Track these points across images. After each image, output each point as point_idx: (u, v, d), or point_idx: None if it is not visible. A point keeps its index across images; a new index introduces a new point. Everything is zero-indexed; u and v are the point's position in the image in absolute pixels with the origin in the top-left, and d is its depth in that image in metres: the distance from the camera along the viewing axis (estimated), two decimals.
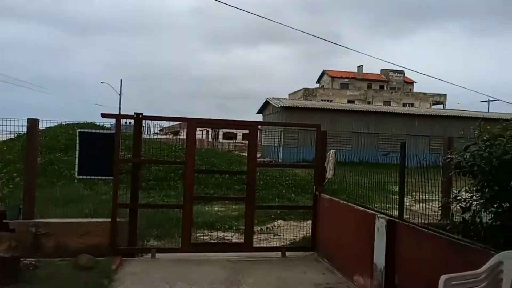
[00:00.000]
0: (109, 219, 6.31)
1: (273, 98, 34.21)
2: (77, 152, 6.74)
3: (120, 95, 51.18)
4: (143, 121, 6.80)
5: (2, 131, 6.85)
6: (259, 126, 11.71)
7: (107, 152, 6.59)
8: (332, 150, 6.60)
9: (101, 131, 7.02)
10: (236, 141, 35.78)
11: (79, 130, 6.79)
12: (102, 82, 58.58)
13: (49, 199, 8.33)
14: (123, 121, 6.90)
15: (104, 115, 6.67)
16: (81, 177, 6.85)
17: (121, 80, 54.93)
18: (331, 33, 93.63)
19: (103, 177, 6.97)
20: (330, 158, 6.47)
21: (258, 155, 33.17)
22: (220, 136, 42.90)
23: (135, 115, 6.72)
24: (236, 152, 25.75)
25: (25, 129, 6.38)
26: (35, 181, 6.58)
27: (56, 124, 12.03)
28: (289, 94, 53.38)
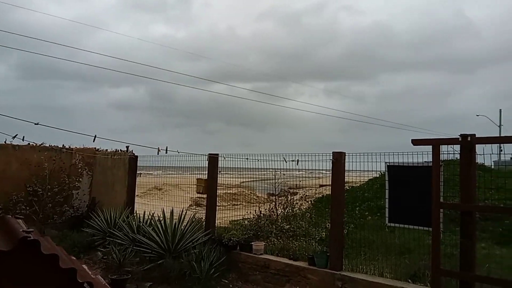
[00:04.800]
0: None
1: None
2: (386, 192, 5.31)
3: (499, 126, 44.59)
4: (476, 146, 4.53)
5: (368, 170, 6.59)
6: None
7: (424, 193, 4.78)
8: None
9: (415, 163, 5.25)
10: None
11: (387, 162, 5.35)
12: (477, 115, 53.03)
13: (374, 246, 7.14)
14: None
15: (416, 142, 4.90)
16: (392, 224, 5.30)
17: (500, 110, 47.46)
18: None
19: (418, 227, 5.09)
20: None
21: None
22: None
23: (460, 138, 4.57)
24: None
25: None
26: (342, 224, 5.65)
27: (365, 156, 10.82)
28: None
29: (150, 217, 8.24)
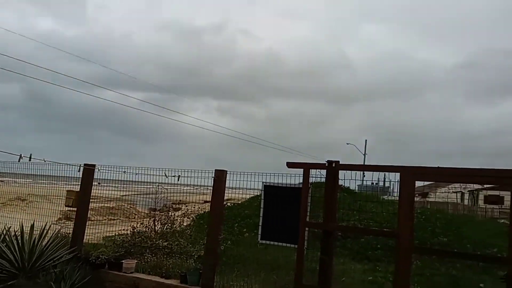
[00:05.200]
0: None
1: None
2: (261, 210, 5.57)
3: (364, 154, 50.64)
4: (339, 172, 5.06)
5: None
6: None
7: (295, 212, 5.13)
8: None
9: (289, 184, 5.67)
10: (503, 206, 28.14)
11: (264, 182, 5.64)
12: (347, 144, 59.67)
13: (247, 262, 7.39)
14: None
15: (290, 164, 5.28)
16: (263, 242, 5.56)
17: (365, 140, 54.15)
18: None
19: (287, 244, 5.46)
20: None
21: None
22: (481, 200, 35.26)
23: (327, 164, 5.06)
24: (502, 221, 19.74)
25: None
26: (218, 241, 5.72)
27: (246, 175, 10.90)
28: None
29: (5, 231, 7.21)
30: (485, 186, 26.67)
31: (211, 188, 6.30)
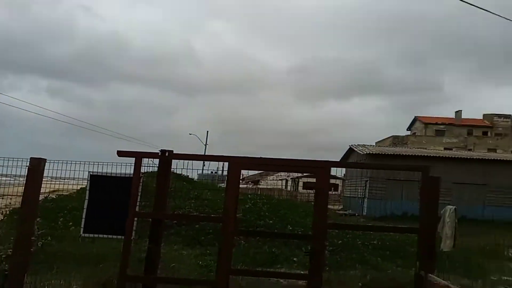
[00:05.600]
0: None
1: (358, 145, 31.26)
2: (86, 202, 5.17)
3: (205, 145, 51.93)
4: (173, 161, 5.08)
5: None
6: (338, 171, 8.95)
7: (126, 203, 4.90)
8: (450, 207, 4.06)
9: (118, 174, 5.41)
10: None
11: (90, 172, 5.24)
12: (190, 134, 60.23)
13: (70, 258, 6.79)
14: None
15: (120, 153, 5.04)
16: (87, 235, 5.19)
17: (207, 131, 55.72)
18: (431, 82, 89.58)
19: (114, 236, 5.22)
20: (448, 219, 3.93)
21: (339, 207, 30.17)
22: (300, 186, 40.56)
23: (160, 153, 5.01)
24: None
25: None
26: (30, 236, 5.05)
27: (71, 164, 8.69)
28: (376, 142, 49.61)
29: None
30: (304, 174, 30.75)
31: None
